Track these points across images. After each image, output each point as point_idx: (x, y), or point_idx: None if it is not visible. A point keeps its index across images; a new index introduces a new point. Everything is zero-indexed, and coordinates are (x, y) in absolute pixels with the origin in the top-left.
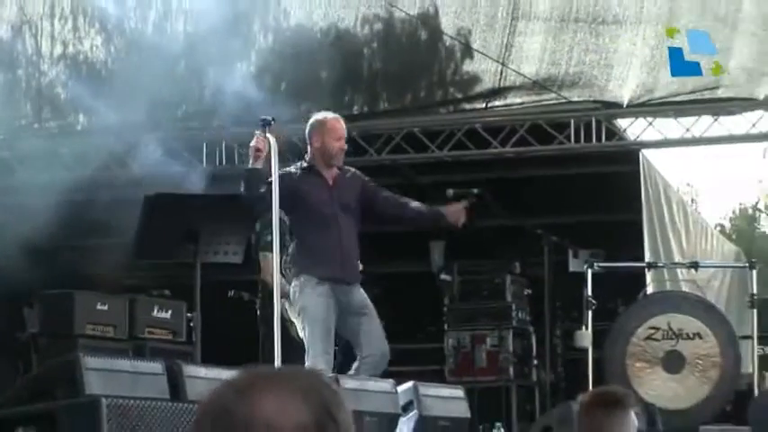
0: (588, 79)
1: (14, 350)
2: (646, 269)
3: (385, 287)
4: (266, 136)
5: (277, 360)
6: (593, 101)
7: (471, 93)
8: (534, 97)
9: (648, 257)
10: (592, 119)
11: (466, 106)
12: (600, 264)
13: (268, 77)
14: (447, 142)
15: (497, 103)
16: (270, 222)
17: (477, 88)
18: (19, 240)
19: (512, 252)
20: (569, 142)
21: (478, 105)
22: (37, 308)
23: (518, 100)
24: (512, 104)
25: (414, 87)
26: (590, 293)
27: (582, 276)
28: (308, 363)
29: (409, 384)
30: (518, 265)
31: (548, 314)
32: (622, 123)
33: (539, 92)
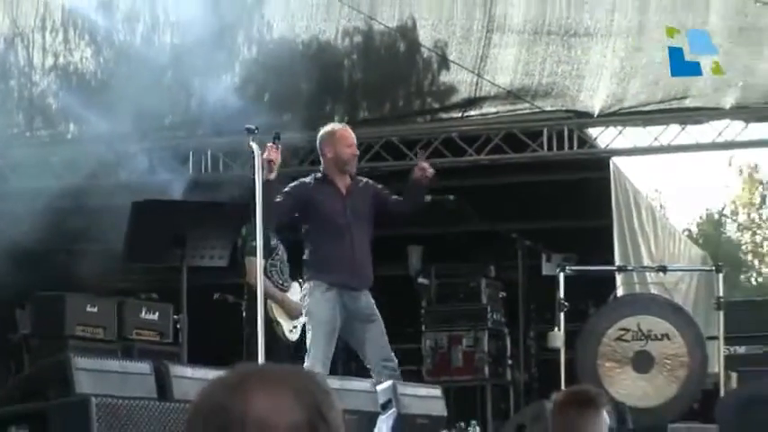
0: (560, 89)
1: (7, 351)
2: (616, 272)
3: None
4: (278, 147)
5: (261, 359)
6: (565, 110)
7: (448, 103)
8: (509, 107)
9: (618, 261)
10: (564, 128)
11: (443, 116)
12: (572, 267)
13: (252, 88)
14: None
15: (473, 113)
16: (255, 228)
17: (453, 98)
18: (11, 244)
19: (487, 256)
20: (542, 150)
21: (455, 115)
22: (29, 309)
23: (493, 109)
24: (487, 114)
25: (392, 97)
26: (562, 296)
27: (554, 279)
28: (307, 364)
29: (388, 383)
30: (493, 269)
31: (522, 316)
32: (593, 132)
33: (513, 102)
